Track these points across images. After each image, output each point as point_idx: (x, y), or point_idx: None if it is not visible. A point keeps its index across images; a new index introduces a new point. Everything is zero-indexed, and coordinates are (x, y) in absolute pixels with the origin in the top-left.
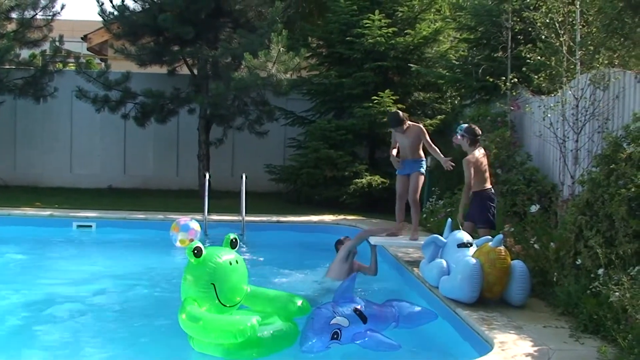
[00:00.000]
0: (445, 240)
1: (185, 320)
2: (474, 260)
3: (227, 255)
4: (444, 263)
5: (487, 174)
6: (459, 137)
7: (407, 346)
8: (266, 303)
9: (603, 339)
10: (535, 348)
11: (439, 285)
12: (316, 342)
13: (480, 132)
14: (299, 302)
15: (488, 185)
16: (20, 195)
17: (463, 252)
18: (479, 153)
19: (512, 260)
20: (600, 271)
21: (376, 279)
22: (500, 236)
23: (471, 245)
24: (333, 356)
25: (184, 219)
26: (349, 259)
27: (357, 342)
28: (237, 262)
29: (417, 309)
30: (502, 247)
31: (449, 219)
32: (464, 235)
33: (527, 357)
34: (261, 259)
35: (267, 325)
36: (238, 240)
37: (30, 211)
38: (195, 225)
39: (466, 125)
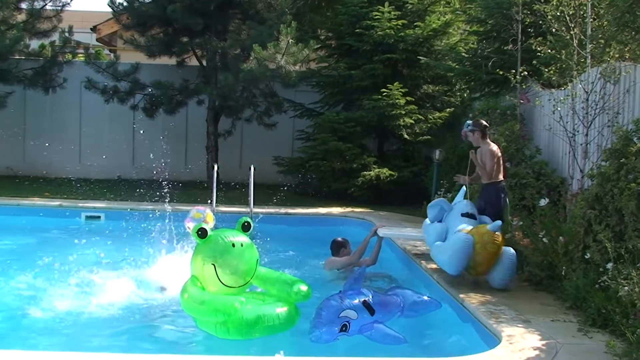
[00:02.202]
0: (451, 206)
1: (183, 297)
2: (467, 237)
3: (232, 237)
4: (443, 228)
5: (503, 167)
6: (469, 133)
7: (414, 339)
8: (269, 285)
9: (611, 334)
10: (543, 342)
11: (431, 247)
12: (325, 332)
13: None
14: (303, 287)
15: (502, 177)
16: (29, 186)
17: (464, 223)
18: (495, 146)
19: (505, 247)
20: (609, 265)
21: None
22: (499, 222)
23: (475, 218)
24: (340, 346)
25: (197, 208)
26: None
27: (364, 334)
28: (242, 245)
29: (422, 297)
30: (499, 234)
31: (464, 187)
32: (470, 206)
33: (535, 350)
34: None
35: (256, 306)
36: (251, 224)
37: (39, 201)
38: (196, 214)
39: (472, 120)
